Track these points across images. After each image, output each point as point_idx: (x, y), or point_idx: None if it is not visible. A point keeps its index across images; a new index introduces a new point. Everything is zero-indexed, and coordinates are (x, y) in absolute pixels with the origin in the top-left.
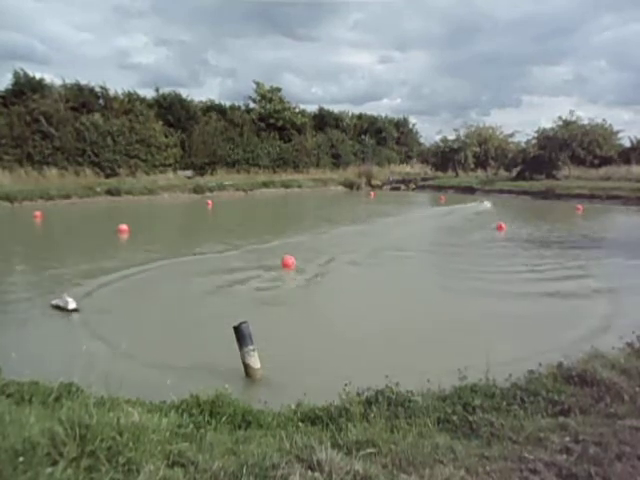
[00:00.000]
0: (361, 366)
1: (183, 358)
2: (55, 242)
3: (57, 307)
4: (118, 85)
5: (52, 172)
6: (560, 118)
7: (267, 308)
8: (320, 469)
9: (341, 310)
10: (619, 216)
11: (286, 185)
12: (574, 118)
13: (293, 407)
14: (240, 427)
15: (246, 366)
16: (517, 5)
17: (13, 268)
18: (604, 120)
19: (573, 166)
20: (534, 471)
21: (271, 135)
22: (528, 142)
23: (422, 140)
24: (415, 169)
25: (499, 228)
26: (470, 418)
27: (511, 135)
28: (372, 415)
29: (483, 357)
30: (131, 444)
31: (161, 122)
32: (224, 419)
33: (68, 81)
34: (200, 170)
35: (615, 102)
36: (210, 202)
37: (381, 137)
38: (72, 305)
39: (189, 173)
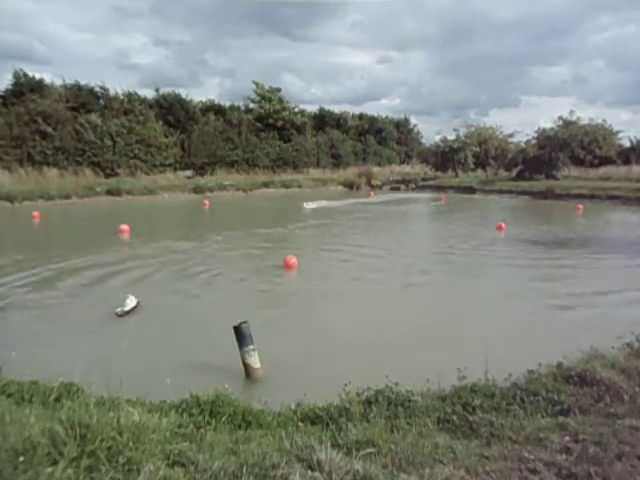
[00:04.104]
0: (361, 366)
1: (183, 358)
2: (49, 242)
3: (124, 314)
4: (118, 85)
5: (52, 172)
6: (560, 118)
7: (267, 308)
8: (320, 469)
9: (341, 310)
10: (621, 216)
11: (286, 185)
12: (574, 118)
13: (293, 407)
14: (240, 427)
15: (246, 366)
16: (514, 5)
17: None
18: (604, 120)
19: (572, 166)
20: (534, 471)
21: (271, 135)
22: (528, 142)
23: (423, 140)
24: (415, 169)
25: (499, 228)
26: (470, 418)
27: (511, 135)
28: (372, 415)
29: (483, 357)
30: (131, 444)
31: (161, 122)
32: (224, 419)
33: (68, 81)
34: (200, 170)
35: (613, 102)
36: (207, 202)
37: (381, 137)
38: (134, 302)
39: (189, 173)
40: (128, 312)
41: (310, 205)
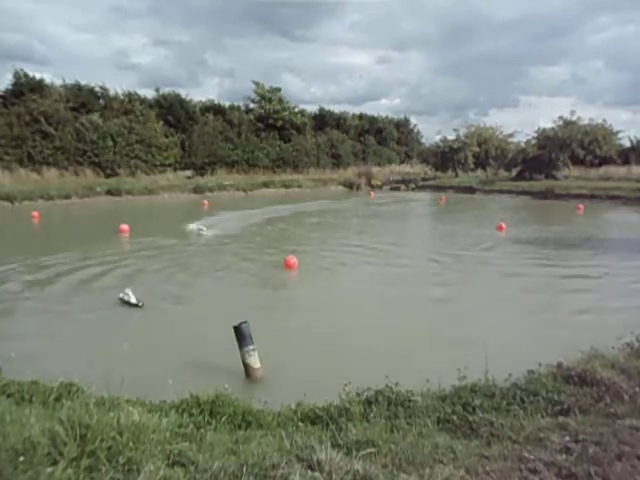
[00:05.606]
0: (361, 366)
1: (183, 357)
2: (47, 242)
3: (127, 303)
4: (118, 85)
5: (52, 172)
6: (560, 118)
7: (267, 307)
8: (320, 469)
9: (341, 310)
10: (621, 216)
11: (286, 185)
12: (575, 118)
13: (293, 407)
14: (240, 427)
15: (246, 366)
16: (514, 5)
17: None
18: (604, 120)
19: (573, 166)
20: (534, 471)
21: (271, 135)
22: (528, 142)
23: (423, 140)
24: (415, 169)
25: (499, 228)
26: (470, 418)
27: (511, 135)
28: (372, 415)
29: (483, 357)
30: (131, 444)
31: (161, 122)
32: (224, 419)
33: (68, 81)
34: (200, 170)
35: (613, 102)
36: (207, 202)
37: (381, 137)
38: (133, 300)
39: (189, 173)
40: (137, 303)
41: (204, 230)
